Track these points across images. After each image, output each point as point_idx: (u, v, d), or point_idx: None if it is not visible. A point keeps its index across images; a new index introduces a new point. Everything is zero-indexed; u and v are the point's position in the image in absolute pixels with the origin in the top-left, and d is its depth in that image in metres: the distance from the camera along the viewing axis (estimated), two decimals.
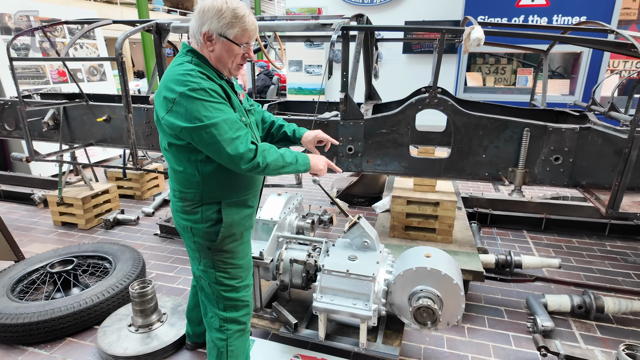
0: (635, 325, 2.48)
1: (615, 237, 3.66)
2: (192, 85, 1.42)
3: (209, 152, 1.46)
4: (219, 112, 1.43)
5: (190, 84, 1.42)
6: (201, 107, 1.41)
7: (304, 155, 1.68)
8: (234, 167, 1.47)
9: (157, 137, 3.50)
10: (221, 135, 1.41)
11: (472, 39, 2.18)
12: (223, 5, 1.47)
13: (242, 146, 1.44)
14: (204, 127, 1.40)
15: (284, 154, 1.58)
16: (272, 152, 1.54)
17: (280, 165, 1.55)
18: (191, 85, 1.41)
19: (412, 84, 6.72)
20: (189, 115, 1.41)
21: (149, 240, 3.69)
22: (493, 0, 6.20)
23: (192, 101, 1.41)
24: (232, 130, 1.44)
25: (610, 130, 2.40)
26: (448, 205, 2.71)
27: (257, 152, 1.47)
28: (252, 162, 1.46)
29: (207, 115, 1.40)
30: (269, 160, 1.51)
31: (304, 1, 9.33)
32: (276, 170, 1.55)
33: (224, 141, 1.42)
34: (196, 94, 1.41)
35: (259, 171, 1.50)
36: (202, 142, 1.44)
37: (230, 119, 1.45)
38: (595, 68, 6.07)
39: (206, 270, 1.70)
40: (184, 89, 1.41)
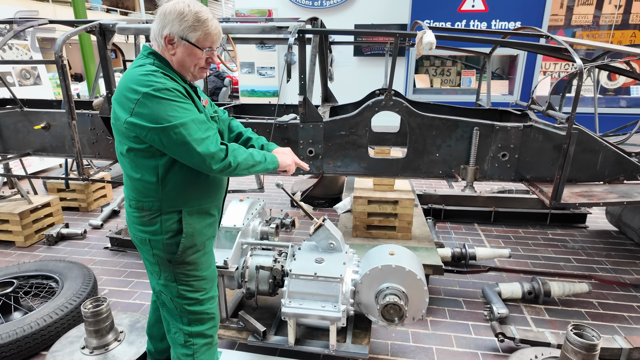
0: (577, 306, 2.70)
1: (556, 226, 3.98)
2: (157, 85, 1.36)
3: (178, 153, 1.40)
4: (187, 112, 1.39)
5: (155, 84, 1.36)
6: (168, 107, 1.35)
7: (271, 154, 1.68)
8: (205, 167, 1.42)
9: (104, 145, 3.29)
10: (191, 135, 1.37)
11: (424, 43, 2.27)
12: (185, 8, 1.42)
13: (213, 146, 1.41)
14: (173, 127, 1.35)
15: (252, 153, 1.57)
16: (241, 152, 1.52)
17: (250, 164, 1.54)
18: (155, 85, 1.36)
19: (364, 86, 6.87)
20: (155, 116, 1.35)
21: (99, 254, 3.46)
22: (437, 6, 6.51)
23: (157, 101, 1.35)
24: (201, 130, 1.40)
25: (550, 128, 2.60)
26: (406, 203, 2.80)
27: (227, 152, 1.45)
28: (224, 161, 1.44)
29: (175, 115, 1.36)
30: (239, 160, 1.49)
31: (254, 2, 9.22)
32: (246, 170, 1.53)
33: (194, 141, 1.37)
34: (161, 93, 1.35)
35: (230, 171, 1.48)
36: (171, 143, 1.37)
37: (198, 119, 1.41)
38: (530, 69, 6.56)
39: (167, 285, 1.62)
40: (147, 89, 1.35)
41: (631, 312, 2.64)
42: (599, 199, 2.43)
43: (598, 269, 3.17)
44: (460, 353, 2.29)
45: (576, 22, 6.63)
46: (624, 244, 3.59)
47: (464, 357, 2.26)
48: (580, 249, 3.51)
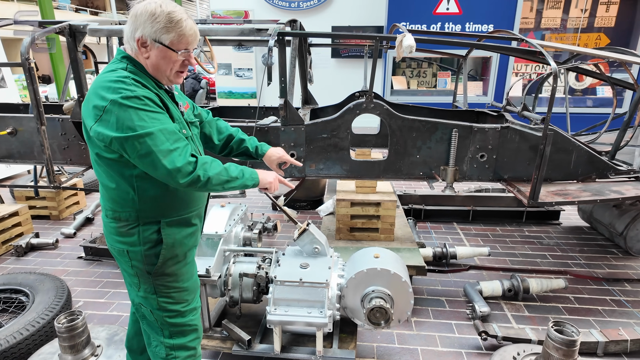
0: (555, 302, 2.78)
1: (531, 223, 4.09)
2: (125, 92, 1.29)
3: (143, 165, 1.33)
4: (155, 121, 1.32)
5: (124, 91, 1.29)
6: (135, 116, 1.28)
7: (251, 170, 1.57)
8: (171, 181, 1.34)
9: (76, 151, 3.17)
10: (157, 146, 1.30)
11: (404, 46, 2.29)
12: (157, 9, 1.35)
13: (181, 158, 1.33)
14: (137, 137, 1.28)
15: (228, 167, 1.47)
16: (214, 166, 1.42)
17: (223, 179, 1.44)
18: (124, 92, 1.29)
19: (342, 88, 6.88)
20: (121, 124, 1.28)
21: (72, 265, 3.32)
22: (412, 8, 6.60)
23: (124, 109, 1.28)
24: (169, 141, 1.32)
25: (526, 129, 2.66)
26: (389, 204, 2.82)
27: (197, 165, 1.36)
28: (191, 175, 1.35)
29: (141, 124, 1.28)
30: (210, 174, 1.39)
31: (230, 3, 9.11)
32: (220, 185, 1.44)
33: (159, 152, 1.30)
34: (129, 101, 1.29)
35: (200, 186, 1.38)
36: (135, 154, 1.31)
37: (167, 129, 1.34)
38: (503, 71, 6.75)
39: (147, 297, 1.56)
40: (116, 96, 1.28)
41: (605, 306, 2.73)
42: (573, 197, 2.50)
43: (572, 265, 3.28)
44: (445, 353, 2.31)
45: (545, 25, 6.87)
46: (596, 239, 3.73)
47: (448, 357, 2.28)
48: (555, 246, 3.62)
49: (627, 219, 3.32)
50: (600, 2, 6.65)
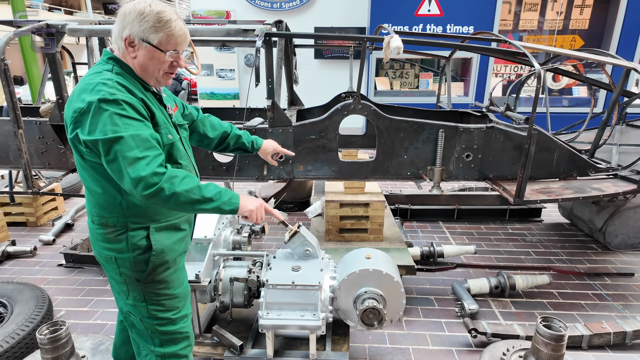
0: (540, 297, 2.84)
1: (514, 221, 4.18)
2: (104, 95, 1.26)
3: (111, 171, 1.28)
4: (129, 127, 1.26)
5: (103, 93, 1.26)
6: (108, 119, 1.24)
7: (233, 193, 1.42)
8: (134, 191, 1.26)
9: (54, 154, 3.06)
10: (124, 152, 1.23)
11: (392, 48, 2.30)
12: (146, 8, 1.33)
13: (147, 168, 1.24)
14: (106, 141, 1.23)
15: (204, 187, 1.34)
16: (186, 182, 1.30)
17: (193, 198, 1.30)
18: (102, 95, 1.25)
19: (326, 89, 6.88)
20: (94, 127, 1.25)
21: (52, 273, 3.21)
22: (395, 10, 6.66)
23: (100, 112, 1.25)
24: (138, 149, 1.25)
25: (510, 129, 2.72)
26: (378, 205, 2.82)
27: (163, 177, 1.25)
28: (154, 187, 1.24)
29: (113, 128, 1.24)
30: (178, 190, 1.27)
31: (211, 4, 9.00)
32: (188, 205, 1.31)
33: (125, 159, 1.23)
34: (107, 104, 1.25)
35: (162, 201, 1.27)
36: (104, 159, 1.27)
37: (139, 136, 1.27)
38: (483, 71, 6.88)
39: (136, 305, 1.51)
40: (93, 98, 1.25)
41: (587, 300, 2.81)
42: (557, 195, 2.57)
43: (555, 260, 3.36)
44: (436, 351, 2.34)
45: (523, 27, 7.04)
46: (576, 235, 3.83)
47: (439, 355, 2.31)
48: (537, 242, 3.70)
49: (606, 215, 3.43)
50: (574, 5, 6.86)
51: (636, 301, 2.79)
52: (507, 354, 2.12)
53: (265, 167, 2.86)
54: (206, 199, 1.33)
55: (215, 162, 2.90)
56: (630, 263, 3.30)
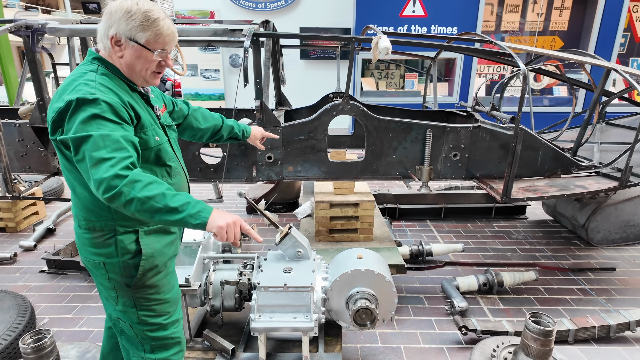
0: (527, 293, 2.90)
1: (500, 218, 4.25)
2: (83, 94, 1.23)
3: (82, 172, 1.25)
4: (101, 127, 1.21)
5: (82, 92, 1.23)
6: (80, 117, 1.21)
7: (205, 206, 1.27)
8: (97, 195, 1.20)
9: (35, 158, 2.98)
10: (90, 151, 1.18)
11: (380, 48, 2.31)
12: (133, 7, 1.30)
13: (110, 170, 1.17)
14: (75, 140, 1.20)
15: (170, 196, 1.21)
16: (150, 188, 1.19)
17: (154, 207, 1.19)
18: (82, 94, 1.23)
19: (311, 89, 6.86)
20: (69, 126, 1.22)
21: (34, 279, 3.11)
22: (380, 11, 6.70)
23: (77, 112, 1.22)
24: (106, 149, 1.19)
25: (497, 128, 2.76)
26: (367, 205, 2.83)
27: (125, 181, 1.17)
28: (113, 191, 1.16)
29: (84, 127, 1.20)
30: (138, 195, 1.17)
31: (194, 3, 8.89)
32: (147, 212, 1.20)
33: (90, 159, 1.18)
34: (85, 104, 1.22)
35: (122, 205, 1.19)
36: (75, 159, 1.24)
37: (110, 136, 1.21)
38: (467, 72, 6.98)
39: (126, 311, 1.48)
40: (73, 97, 1.23)
41: (572, 295, 2.88)
42: (542, 193, 2.62)
43: (540, 257, 3.43)
44: (427, 349, 2.35)
45: (505, 28, 7.17)
46: (560, 232, 3.92)
47: (431, 353, 2.32)
48: (523, 239, 3.77)
49: (588, 212, 3.52)
50: (554, 7, 7.02)
51: (618, 295, 2.87)
52: (497, 350, 2.15)
53: (254, 168, 2.84)
54: (170, 209, 1.20)
55: (203, 163, 2.86)
56: (612, 258, 3.39)
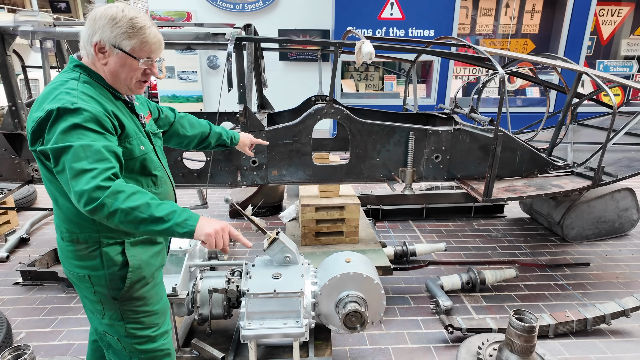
0: (508, 290, 2.98)
1: (479, 217, 4.36)
2: (64, 103, 1.19)
3: (62, 184, 1.21)
4: (82, 137, 1.17)
5: (63, 102, 1.20)
6: (61, 127, 1.17)
7: (192, 214, 1.25)
8: (79, 207, 1.16)
9: (7, 165, 2.86)
10: (71, 162, 1.15)
11: (364, 53, 2.33)
12: (118, 13, 1.27)
13: (91, 181, 1.13)
14: (55, 151, 1.16)
15: (155, 206, 1.19)
16: (133, 199, 1.16)
17: (139, 217, 1.16)
18: (63, 103, 1.19)
19: (291, 91, 6.83)
20: (49, 137, 1.18)
21: (8, 292, 2.98)
22: (358, 13, 6.75)
23: (57, 121, 1.18)
24: (87, 160, 1.15)
25: (477, 130, 2.83)
26: (353, 207, 2.85)
27: (106, 192, 1.13)
28: (95, 203, 1.12)
29: (64, 137, 1.16)
30: (122, 206, 1.14)
31: (170, 4, 8.73)
32: (131, 224, 1.17)
33: (70, 170, 1.15)
34: (65, 114, 1.19)
35: (105, 217, 1.15)
36: (55, 171, 1.20)
37: (91, 147, 1.17)
38: (444, 74, 7.13)
39: (113, 324, 1.44)
40: (53, 107, 1.19)
41: (550, 290, 2.98)
42: (521, 192, 2.70)
43: (519, 254, 3.54)
44: (415, 349, 2.39)
45: (479, 31, 7.36)
46: (536, 229, 4.06)
47: (418, 353, 2.36)
48: (502, 237, 3.88)
49: (563, 210, 3.66)
50: (525, 11, 7.26)
51: (593, 289, 3.00)
52: (482, 347, 2.20)
53: (239, 173, 2.81)
54: (155, 218, 1.17)
55: (186, 169, 2.82)
56: (586, 253, 3.54)
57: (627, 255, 3.49)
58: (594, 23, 7.09)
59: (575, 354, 2.33)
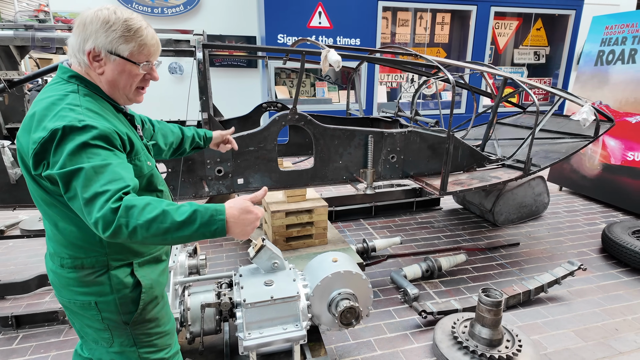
0: (460, 274, 3.31)
1: (420, 211, 4.73)
2: (71, 121, 1.08)
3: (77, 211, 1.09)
4: (94, 156, 1.07)
5: (69, 119, 1.08)
6: (68, 148, 1.05)
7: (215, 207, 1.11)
8: (100, 235, 1.05)
9: None
10: (82, 187, 1.03)
11: (331, 61, 2.43)
12: (111, 16, 1.18)
13: (105, 205, 1.02)
14: (64, 175, 1.04)
15: (173, 211, 1.06)
16: (148, 210, 1.04)
17: (163, 228, 1.04)
18: (69, 121, 1.08)
19: (221, 97, 6.66)
20: (55, 159, 1.06)
21: None
22: (289, 21, 6.87)
23: (62, 141, 1.06)
24: (100, 182, 1.04)
25: (428, 131, 3.11)
26: (321, 210, 2.94)
27: (119, 213, 1.02)
28: (112, 227, 1.01)
29: (73, 159, 1.05)
30: (140, 221, 1.02)
31: (76, 5, 7.96)
32: (158, 236, 1.05)
33: (83, 197, 1.03)
34: (73, 133, 1.07)
35: (128, 238, 1.03)
36: (65, 197, 1.08)
37: (104, 167, 1.06)
38: (371, 80, 7.57)
39: (124, 351, 1.34)
40: (58, 126, 1.07)
41: (494, 270, 3.38)
42: (468, 185, 3.03)
43: (461, 241, 3.94)
44: (394, 337, 2.55)
45: (399, 40, 7.97)
46: (470, 218, 4.54)
47: (398, 340, 2.52)
48: (444, 227, 4.27)
49: (493, 198, 4.16)
50: (437, 22, 8.05)
51: (526, 265, 3.47)
52: (455, 326, 2.44)
53: (204, 183, 2.72)
54: (179, 224, 1.05)
55: None
56: (514, 235, 4.07)
57: (545, 234, 4.09)
58: (492, 35, 8.11)
59: (526, 322, 2.69)
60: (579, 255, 3.62)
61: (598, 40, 5.01)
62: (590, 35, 5.14)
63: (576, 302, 2.91)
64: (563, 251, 3.71)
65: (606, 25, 4.93)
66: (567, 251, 3.71)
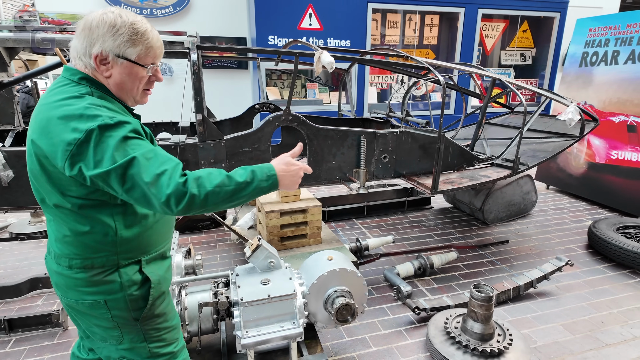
0: (451, 271, 3.37)
1: (412, 210, 4.79)
2: (104, 120, 1.12)
3: (134, 200, 1.15)
4: (137, 146, 1.14)
5: (102, 119, 1.12)
6: (111, 145, 1.10)
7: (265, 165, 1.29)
8: (167, 211, 1.13)
9: None
10: (141, 174, 1.10)
11: (325, 63, 2.47)
12: (117, 20, 1.20)
13: (171, 182, 1.11)
14: (118, 168, 1.09)
15: (232, 174, 1.21)
16: (213, 177, 1.17)
17: (229, 190, 1.17)
18: (102, 120, 1.12)
19: (211, 98, 6.66)
20: (98, 157, 1.09)
21: None
22: (279, 23, 6.89)
23: (103, 140, 1.10)
24: (155, 165, 1.12)
25: (419, 132, 3.16)
26: (315, 210, 2.96)
27: (188, 183, 1.12)
28: (186, 198, 1.11)
29: (120, 152, 1.10)
30: (209, 189, 1.14)
31: (63, 6, 7.87)
32: (226, 200, 1.18)
33: (145, 181, 1.10)
34: (109, 130, 1.11)
35: (198, 207, 1.14)
36: (123, 190, 1.12)
37: (151, 151, 1.15)
38: (361, 81, 7.63)
39: (134, 347, 1.37)
40: (92, 126, 1.10)
41: (484, 267, 3.45)
42: (459, 184, 3.10)
43: (452, 239, 4.01)
44: (388, 334, 2.59)
45: (388, 42, 8.05)
46: (460, 216, 4.61)
47: (392, 337, 2.57)
48: (435, 226, 4.34)
49: (482, 197, 4.24)
50: (425, 24, 8.15)
51: (516, 262, 3.55)
52: (448, 321, 2.49)
53: None
54: (242, 185, 1.20)
55: None
56: (503, 233, 4.15)
57: (534, 231, 4.18)
58: (480, 36, 8.25)
59: (516, 316, 2.76)
60: (566, 252, 3.72)
61: (582, 42, 5.15)
62: (575, 37, 5.28)
63: (564, 297, 2.99)
64: (551, 248, 3.80)
65: (590, 28, 5.06)
66: (554, 248, 3.81)
